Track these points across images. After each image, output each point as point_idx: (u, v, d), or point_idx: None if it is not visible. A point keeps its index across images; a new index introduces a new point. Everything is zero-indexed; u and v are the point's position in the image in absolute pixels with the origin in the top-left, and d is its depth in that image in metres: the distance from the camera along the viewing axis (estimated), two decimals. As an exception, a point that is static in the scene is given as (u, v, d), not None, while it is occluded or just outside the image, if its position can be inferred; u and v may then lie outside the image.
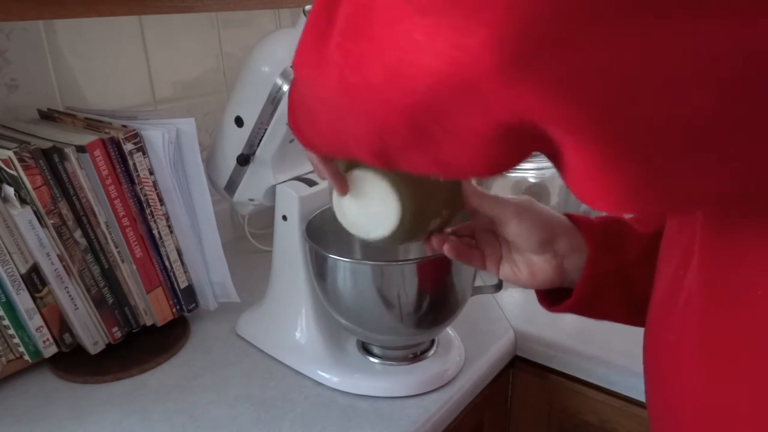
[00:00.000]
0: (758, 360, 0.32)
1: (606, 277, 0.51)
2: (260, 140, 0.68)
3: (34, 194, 0.64)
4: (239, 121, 0.68)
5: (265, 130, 0.67)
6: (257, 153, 0.69)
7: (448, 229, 0.55)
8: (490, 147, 0.28)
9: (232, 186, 0.74)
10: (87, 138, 0.67)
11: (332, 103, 0.36)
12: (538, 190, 0.94)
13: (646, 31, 0.20)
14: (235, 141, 0.69)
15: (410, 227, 0.50)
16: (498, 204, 0.52)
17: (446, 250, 0.52)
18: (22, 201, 0.64)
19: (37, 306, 0.67)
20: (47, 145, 0.65)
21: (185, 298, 0.78)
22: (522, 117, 0.25)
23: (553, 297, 0.55)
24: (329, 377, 0.69)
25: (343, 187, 0.50)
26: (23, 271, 0.65)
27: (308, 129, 0.41)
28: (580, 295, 0.51)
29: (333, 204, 0.54)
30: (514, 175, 0.94)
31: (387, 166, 0.35)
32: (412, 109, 0.28)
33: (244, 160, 0.70)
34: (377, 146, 0.33)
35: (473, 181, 0.53)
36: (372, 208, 0.50)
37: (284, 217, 0.71)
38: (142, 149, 0.70)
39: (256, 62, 0.65)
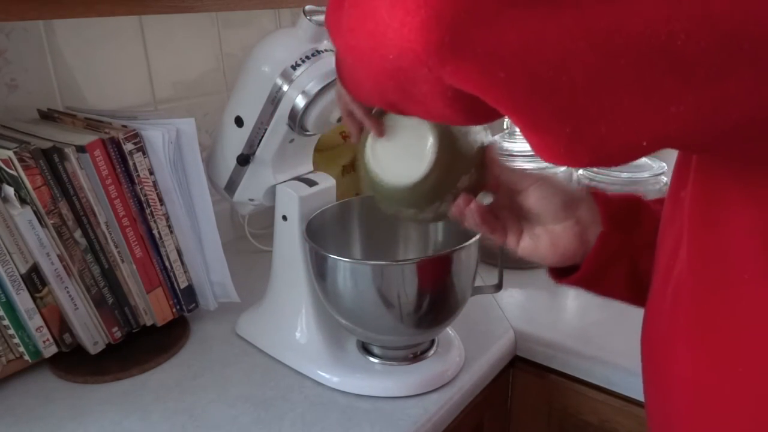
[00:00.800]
0: (747, 343, 0.33)
1: (615, 254, 0.51)
2: (260, 140, 0.68)
3: (34, 194, 0.64)
4: (239, 121, 0.68)
5: (265, 130, 0.66)
6: (257, 153, 0.69)
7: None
8: (457, 105, 0.31)
9: (232, 186, 0.74)
10: (87, 138, 0.67)
11: (347, 61, 0.41)
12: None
13: (548, 14, 0.25)
14: (235, 141, 0.69)
15: (443, 173, 0.50)
16: (519, 172, 0.54)
17: (472, 208, 0.52)
18: (22, 201, 0.64)
19: (37, 306, 0.67)
20: (47, 145, 0.65)
21: (185, 298, 0.78)
22: (462, 88, 0.28)
23: (560, 270, 0.55)
24: (329, 377, 0.69)
25: (380, 129, 0.52)
26: (23, 271, 0.65)
27: (342, 78, 0.47)
28: (588, 269, 0.52)
29: (366, 156, 0.54)
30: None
31: (399, 112, 0.39)
32: (392, 73, 0.32)
33: (244, 160, 0.70)
34: (384, 98, 0.38)
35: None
36: (408, 149, 0.51)
37: (284, 217, 0.71)
38: (142, 149, 0.70)
39: (256, 62, 0.65)
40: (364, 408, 0.65)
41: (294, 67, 0.63)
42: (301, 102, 0.63)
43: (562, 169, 0.97)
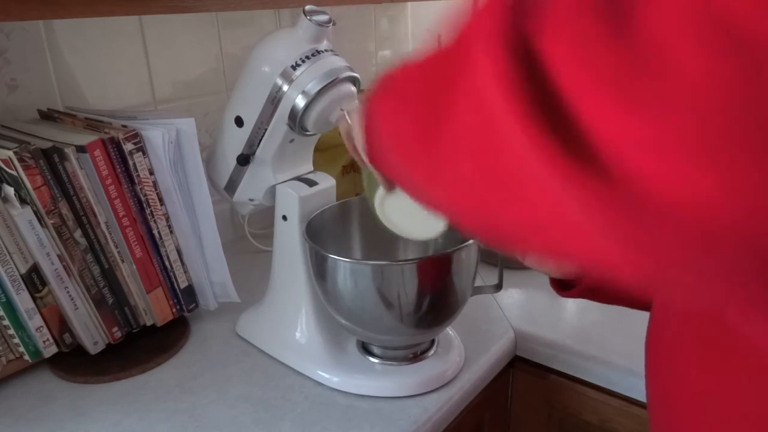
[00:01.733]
0: (753, 348, 0.32)
1: None
2: (260, 140, 0.68)
3: (34, 194, 0.64)
4: (239, 121, 0.68)
5: (265, 130, 0.66)
6: (257, 153, 0.69)
7: None
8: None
9: (232, 186, 0.74)
10: (87, 138, 0.67)
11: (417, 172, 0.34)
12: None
13: None
14: (235, 141, 0.69)
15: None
16: None
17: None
18: (22, 201, 0.64)
19: (37, 306, 0.67)
20: (47, 145, 0.65)
21: (185, 298, 0.78)
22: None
23: (563, 283, 0.56)
24: (329, 377, 0.69)
25: (391, 185, 0.51)
26: (23, 271, 0.65)
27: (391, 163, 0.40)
28: (588, 283, 0.53)
29: (374, 203, 0.55)
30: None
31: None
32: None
33: (244, 160, 0.70)
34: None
35: None
36: (421, 212, 0.51)
37: (284, 217, 0.71)
38: (142, 149, 0.70)
39: (256, 62, 0.65)
40: (364, 408, 0.65)
41: (294, 67, 0.63)
42: (301, 102, 0.63)
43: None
